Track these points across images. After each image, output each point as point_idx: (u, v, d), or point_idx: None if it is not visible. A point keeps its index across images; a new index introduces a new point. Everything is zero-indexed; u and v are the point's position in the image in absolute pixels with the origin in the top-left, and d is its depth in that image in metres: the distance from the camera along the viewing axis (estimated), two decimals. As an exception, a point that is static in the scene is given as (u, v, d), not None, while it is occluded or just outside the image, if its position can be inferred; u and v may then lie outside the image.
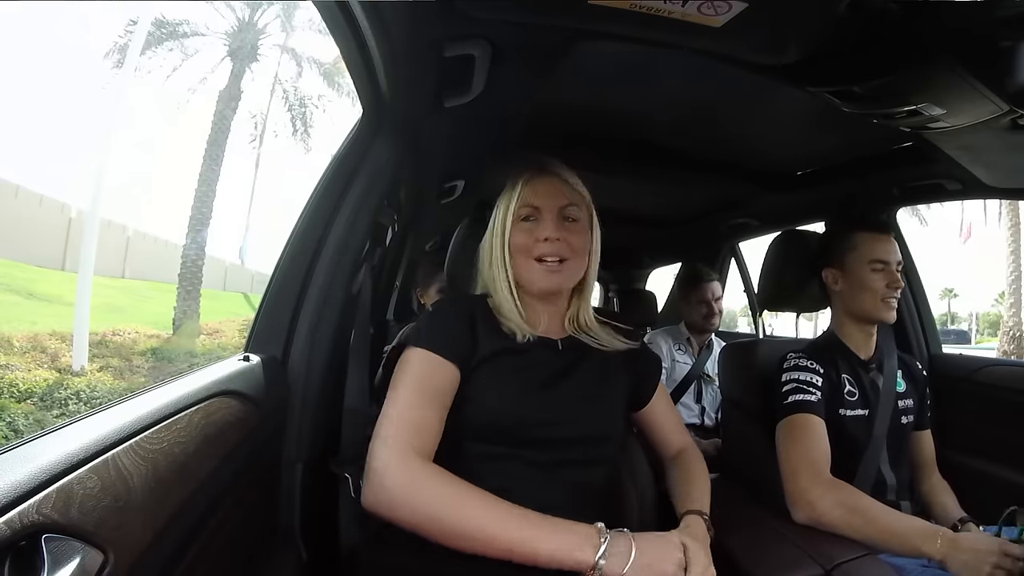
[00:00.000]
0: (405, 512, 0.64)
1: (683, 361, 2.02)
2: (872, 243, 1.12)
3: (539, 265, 0.81)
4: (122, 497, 0.45)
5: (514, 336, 0.81)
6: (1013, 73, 0.66)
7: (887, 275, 1.10)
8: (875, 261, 1.10)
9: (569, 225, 0.82)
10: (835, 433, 1.04)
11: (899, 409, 1.11)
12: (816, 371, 1.09)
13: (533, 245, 0.81)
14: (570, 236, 0.82)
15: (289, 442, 0.83)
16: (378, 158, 0.94)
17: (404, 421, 0.70)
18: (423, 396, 0.73)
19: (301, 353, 0.85)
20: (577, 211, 0.84)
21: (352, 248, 0.92)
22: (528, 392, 0.78)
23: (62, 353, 7.11)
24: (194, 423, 0.58)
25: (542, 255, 0.81)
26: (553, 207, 0.82)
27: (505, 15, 0.71)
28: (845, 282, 1.14)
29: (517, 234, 0.83)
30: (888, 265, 1.11)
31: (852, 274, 1.13)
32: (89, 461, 0.44)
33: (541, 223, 0.82)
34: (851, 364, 1.13)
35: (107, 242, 11.59)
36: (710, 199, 1.98)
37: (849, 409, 1.08)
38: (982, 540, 0.85)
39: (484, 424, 0.76)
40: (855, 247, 1.13)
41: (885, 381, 1.12)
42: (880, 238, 1.12)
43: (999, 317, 11.10)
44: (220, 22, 10.49)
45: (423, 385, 0.73)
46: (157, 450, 0.51)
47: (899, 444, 1.10)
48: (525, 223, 0.83)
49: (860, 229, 1.14)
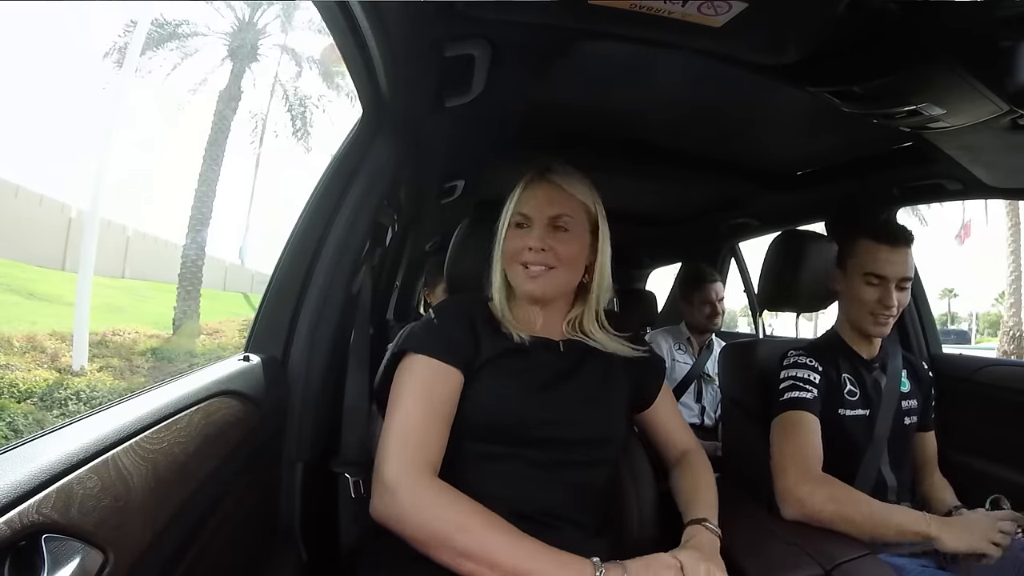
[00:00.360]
0: (413, 528, 0.65)
1: (683, 361, 2.02)
2: (872, 253, 1.05)
3: (523, 270, 0.82)
4: (122, 497, 0.45)
5: (513, 337, 0.81)
6: (1013, 73, 0.66)
7: (880, 291, 1.04)
8: (870, 274, 1.05)
9: (559, 235, 0.82)
10: (835, 433, 1.03)
11: (902, 410, 1.10)
12: (814, 369, 1.07)
13: (521, 252, 0.82)
14: (558, 245, 0.81)
15: (289, 442, 0.83)
16: (378, 158, 0.94)
17: (412, 434, 0.70)
18: (430, 406, 0.73)
19: (301, 353, 0.85)
20: (570, 220, 0.83)
21: (352, 248, 0.92)
22: (529, 392, 0.78)
23: (62, 353, 7.11)
24: (194, 423, 0.58)
25: (526, 262, 0.82)
26: (543, 216, 0.82)
27: (505, 15, 0.71)
28: (843, 286, 1.12)
29: (510, 239, 0.84)
30: (884, 280, 1.04)
31: (848, 280, 1.09)
32: (89, 461, 0.44)
33: (530, 231, 0.83)
34: (853, 363, 1.11)
35: (107, 242, 11.59)
36: (710, 199, 1.98)
37: (849, 409, 1.07)
38: (973, 514, 0.89)
39: (484, 424, 0.76)
40: (855, 253, 1.08)
41: (888, 381, 1.10)
42: (882, 249, 1.04)
43: (999, 317, 11.10)
44: (220, 22, 10.48)
45: (429, 395, 0.73)
46: (157, 450, 0.51)
47: (901, 445, 1.09)
48: (518, 229, 0.84)
49: (864, 235, 1.07)
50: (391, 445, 0.69)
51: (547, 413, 0.77)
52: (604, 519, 0.83)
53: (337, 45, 0.76)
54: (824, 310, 1.29)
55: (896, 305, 1.04)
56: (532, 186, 0.85)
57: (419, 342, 0.77)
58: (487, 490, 0.71)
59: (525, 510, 0.72)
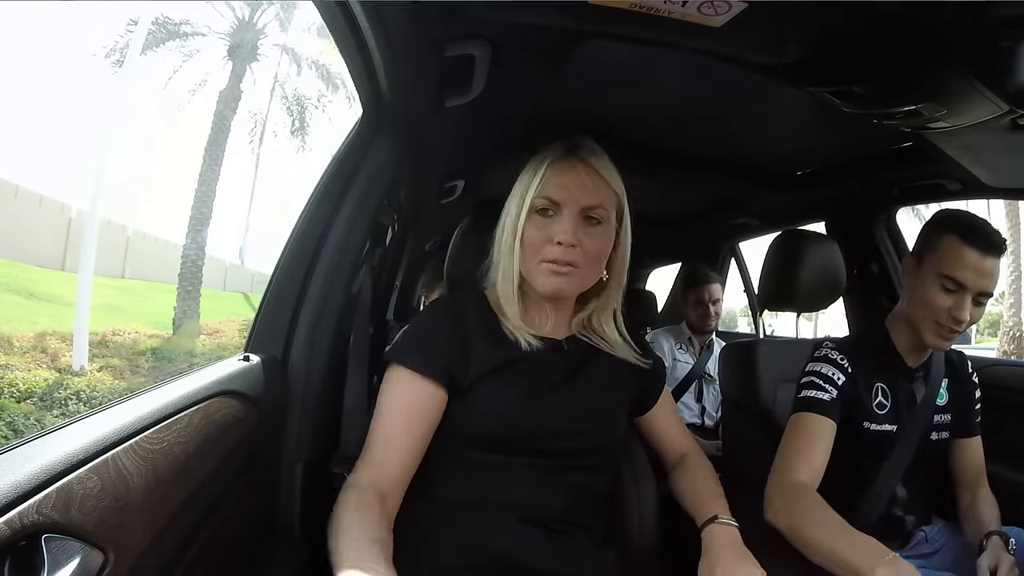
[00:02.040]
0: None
1: (684, 360, 2.02)
2: (958, 254, 0.89)
3: (545, 266, 0.72)
4: (122, 497, 0.45)
5: (515, 341, 0.75)
6: (1013, 73, 0.66)
7: (956, 300, 0.90)
8: (948, 277, 0.90)
9: (590, 228, 0.72)
10: (854, 445, 0.97)
11: (933, 424, 1.01)
12: (842, 368, 0.97)
13: (543, 246, 0.72)
14: (588, 241, 0.72)
15: (289, 442, 0.82)
16: (378, 158, 0.94)
17: (374, 451, 0.70)
18: (401, 422, 0.70)
19: (301, 353, 0.85)
20: (603, 213, 0.73)
21: (352, 248, 0.91)
22: (531, 401, 0.74)
23: (62, 353, 7.11)
24: (194, 423, 0.58)
25: (554, 259, 0.71)
26: (575, 205, 0.71)
27: (505, 15, 0.71)
28: (913, 279, 0.97)
29: (530, 228, 0.73)
30: (962, 289, 0.89)
31: (921, 276, 0.95)
32: (89, 461, 0.44)
33: (558, 221, 0.72)
34: (892, 369, 1.01)
35: (107, 242, 11.58)
36: (710, 199, 1.98)
37: (875, 423, 0.98)
38: None
39: (483, 434, 0.73)
40: (938, 248, 0.92)
41: (926, 394, 1.00)
42: (970, 253, 0.89)
43: (999, 317, 11.08)
44: (220, 22, 10.49)
45: (401, 410, 0.71)
46: (157, 450, 0.51)
47: (921, 458, 1.00)
48: (540, 216, 0.73)
49: (953, 229, 0.91)
50: (362, 455, 0.70)
51: (551, 423, 0.74)
52: (608, 526, 0.81)
53: (337, 45, 0.76)
54: (824, 310, 1.29)
55: (968, 321, 0.90)
56: (561, 166, 0.73)
57: (400, 354, 0.73)
58: (490, 495, 0.71)
59: (531, 515, 0.71)
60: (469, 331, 0.75)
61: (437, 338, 0.73)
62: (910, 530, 1.02)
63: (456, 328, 0.75)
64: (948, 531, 1.04)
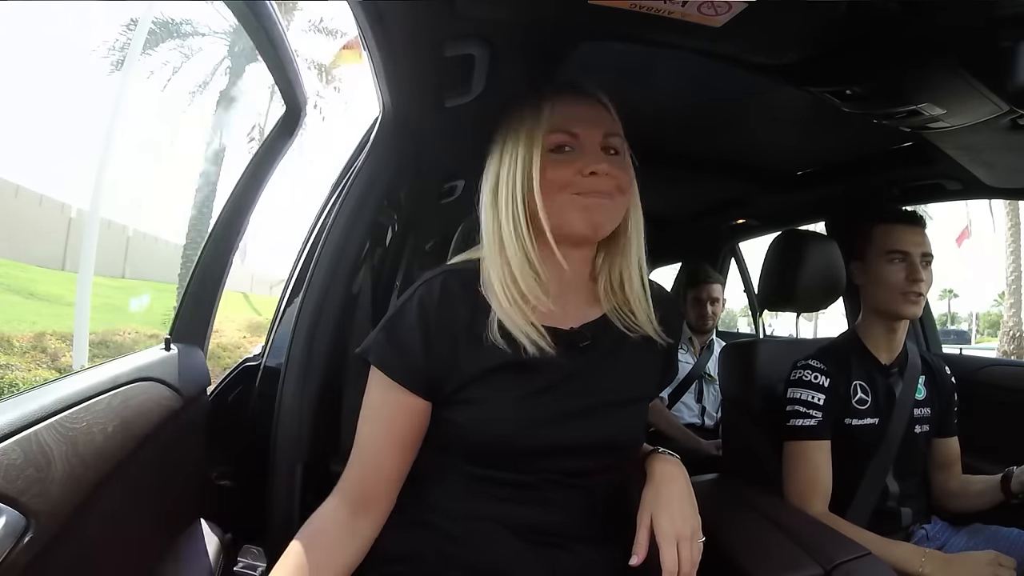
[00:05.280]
0: None
1: (684, 360, 2.02)
2: (891, 233, 1.07)
3: (578, 199, 0.62)
4: (43, 469, 0.49)
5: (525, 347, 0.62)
6: (1013, 73, 0.66)
7: (907, 267, 1.04)
8: (891, 252, 1.05)
9: (613, 158, 0.65)
10: (842, 441, 1.02)
11: (914, 418, 1.07)
12: (819, 386, 1.04)
13: (571, 180, 0.62)
14: (617, 171, 0.64)
15: (288, 443, 0.83)
16: (378, 158, 0.94)
17: (357, 457, 0.66)
18: (382, 429, 0.65)
19: (301, 353, 0.85)
20: (620, 142, 0.67)
21: (352, 248, 0.91)
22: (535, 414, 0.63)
23: (62, 353, 7.11)
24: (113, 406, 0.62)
25: (594, 190, 0.62)
26: (595, 135, 0.65)
27: (505, 15, 0.71)
28: (866, 276, 1.10)
29: (552, 169, 0.63)
30: (908, 256, 1.04)
31: (871, 267, 1.09)
32: (12, 436, 0.48)
33: (582, 154, 0.63)
34: (868, 368, 1.09)
35: (107, 242, 11.59)
36: (710, 199, 1.98)
37: (857, 419, 1.05)
38: (970, 555, 0.86)
39: (474, 449, 0.65)
40: (873, 239, 1.09)
41: (904, 389, 1.07)
42: (897, 227, 1.06)
43: (999, 317, 11.09)
44: (220, 22, 10.49)
45: (382, 418, 0.65)
46: (77, 429, 0.56)
47: (908, 453, 1.06)
48: (559, 155, 0.64)
49: (879, 221, 1.10)
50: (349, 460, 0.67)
51: (559, 438, 0.64)
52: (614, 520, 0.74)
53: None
54: (824, 310, 1.29)
55: (924, 281, 1.03)
56: (569, 98, 0.66)
57: (378, 356, 0.64)
58: (483, 511, 0.64)
59: (526, 533, 0.64)
60: (457, 328, 0.63)
61: (414, 340, 0.62)
62: (908, 524, 1.04)
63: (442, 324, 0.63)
64: (949, 529, 1.05)
